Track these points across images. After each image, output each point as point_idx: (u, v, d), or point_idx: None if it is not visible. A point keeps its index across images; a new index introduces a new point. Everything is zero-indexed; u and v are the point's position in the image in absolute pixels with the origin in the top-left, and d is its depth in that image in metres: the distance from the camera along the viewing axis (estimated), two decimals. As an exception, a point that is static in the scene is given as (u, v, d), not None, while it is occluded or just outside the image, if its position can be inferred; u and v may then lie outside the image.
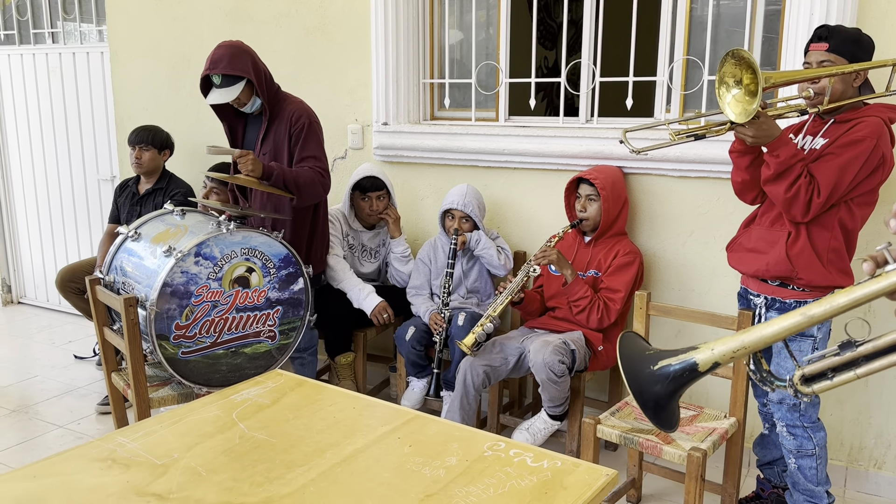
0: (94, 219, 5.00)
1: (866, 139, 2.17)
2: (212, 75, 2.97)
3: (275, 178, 2.89)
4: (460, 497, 1.35)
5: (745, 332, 0.84)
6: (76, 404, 3.72)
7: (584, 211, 3.02)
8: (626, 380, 0.90)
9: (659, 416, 0.90)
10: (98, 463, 1.46)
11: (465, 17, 3.66)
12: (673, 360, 0.89)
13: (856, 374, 0.83)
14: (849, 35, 2.25)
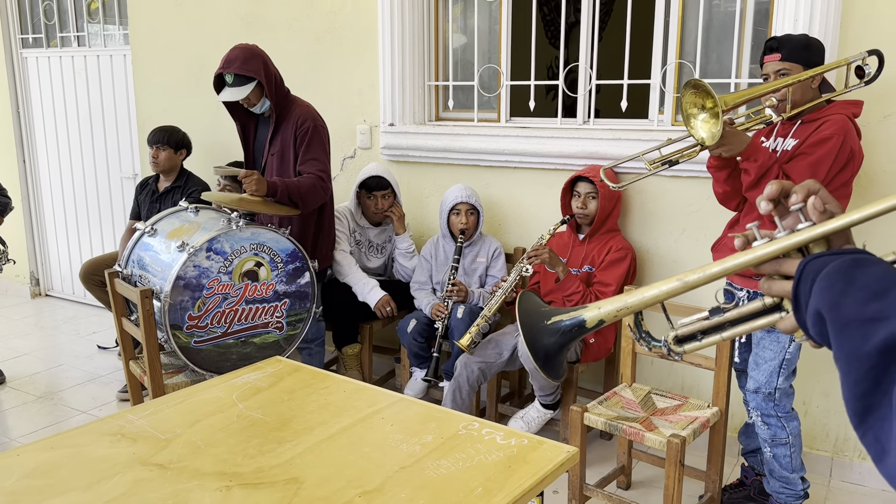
0: (116, 215, 5.21)
1: (834, 136, 2.28)
2: (225, 74, 3.13)
3: (279, 194, 3.02)
4: (431, 469, 1.49)
5: (628, 295, 0.93)
6: (98, 392, 3.92)
7: (584, 208, 3.14)
8: (521, 332, 0.99)
9: (547, 366, 0.98)
10: (108, 437, 1.62)
11: (468, 21, 3.79)
12: (564, 317, 0.97)
13: (721, 337, 0.93)
14: (799, 42, 2.37)
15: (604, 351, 3.17)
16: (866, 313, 0.70)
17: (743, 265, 0.86)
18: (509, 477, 1.46)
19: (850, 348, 0.70)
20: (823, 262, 0.79)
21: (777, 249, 0.84)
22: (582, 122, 3.45)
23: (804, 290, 0.79)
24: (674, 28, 3.14)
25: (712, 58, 3.16)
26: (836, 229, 0.82)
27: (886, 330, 0.67)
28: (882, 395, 0.66)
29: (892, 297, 0.69)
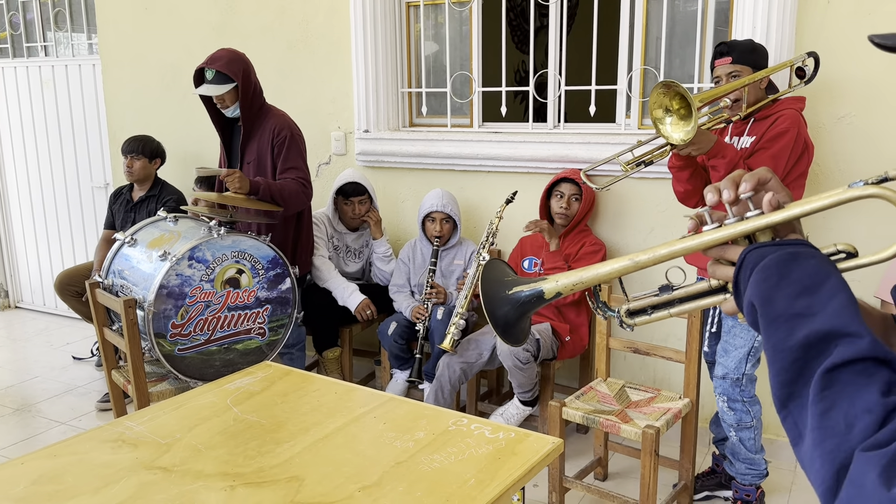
0: (88, 225, 5.19)
1: (789, 129, 2.45)
2: (206, 70, 3.18)
3: (262, 192, 3.08)
4: (425, 464, 1.57)
5: (583, 270, 0.99)
6: (76, 402, 3.92)
7: (567, 208, 3.24)
8: (483, 300, 1.02)
9: (507, 333, 1.03)
10: (109, 443, 1.67)
11: (439, 29, 3.88)
12: (524, 288, 1.02)
13: (669, 313, 0.99)
14: (746, 46, 2.54)
15: (579, 348, 3.28)
16: (794, 308, 0.74)
17: (690, 249, 0.91)
18: (500, 468, 1.54)
19: (776, 341, 0.74)
20: (763, 252, 0.83)
21: (723, 236, 0.89)
22: (552, 127, 3.56)
23: (744, 278, 0.83)
24: (638, 35, 3.26)
25: (675, 63, 3.29)
26: (782, 221, 0.86)
27: (810, 326, 0.72)
28: (803, 386, 0.70)
29: (821, 294, 0.74)
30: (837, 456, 0.66)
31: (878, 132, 2.86)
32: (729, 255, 0.89)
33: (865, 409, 0.66)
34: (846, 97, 2.88)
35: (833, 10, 2.86)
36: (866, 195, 0.83)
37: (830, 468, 0.67)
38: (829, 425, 0.68)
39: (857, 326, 0.71)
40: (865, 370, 0.68)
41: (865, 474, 0.64)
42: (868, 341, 0.70)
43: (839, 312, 0.73)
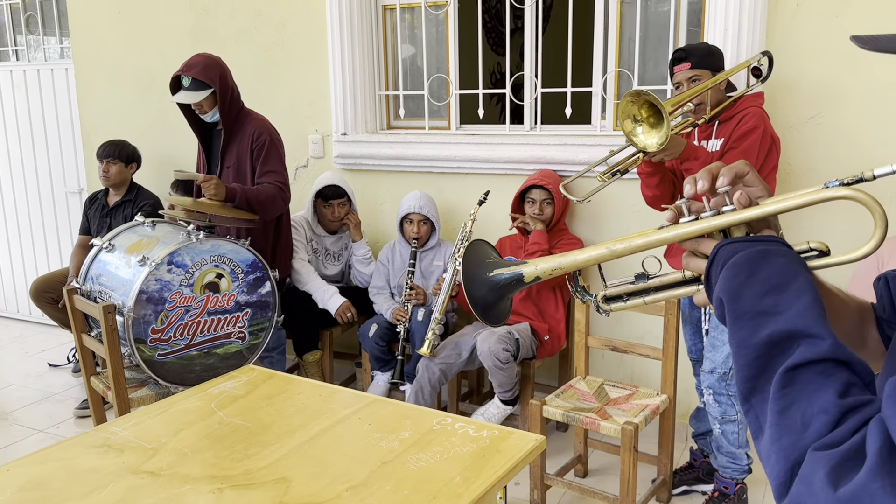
0: (62, 231, 5.14)
1: (757, 127, 2.51)
2: (183, 77, 3.18)
3: (238, 199, 3.08)
4: (411, 463, 1.59)
5: (561, 256, 1.01)
6: (54, 409, 3.88)
7: (541, 214, 3.27)
8: (463, 281, 1.04)
9: (486, 314, 1.05)
10: (95, 449, 1.67)
11: (416, 32, 3.90)
12: (505, 270, 1.04)
13: (644, 301, 1.02)
14: (703, 50, 2.61)
15: (558, 346, 3.32)
16: (760, 306, 0.76)
17: (665, 240, 0.93)
18: (484, 466, 1.57)
19: (741, 337, 0.76)
20: (735, 248, 0.83)
21: (698, 229, 0.90)
22: (529, 129, 3.60)
23: (715, 272, 0.84)
24: (612, 37, 3.32)
25: (649, 65, 3.34)
26: (756, 217, 0.88)
27: (775, 325, 0.74)
28: (765, 382, 0.73)
29: (788, 294, 0.76)
30: (792, 453, 0.69)
31: (846, 131, 2.93)
32: (703, 248, 0.91)
33: (822, 410, 0.68)
34: (815, 97, 2.95)
35: (802, 12, 2.93)
36: (839, 196, 0.86)
37: (785, 464, 0.69)
38: (786, 423, 0.70)
39: (820, 328, 0.73)
40: (825, 371, 0.71)
41: (814, 473, 0.66)
42: (830, 343, 0.72)
43: (803, 313, 0.74)
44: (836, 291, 1.00)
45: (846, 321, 0.99)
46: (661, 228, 0.94)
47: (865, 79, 2.87)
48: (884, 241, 0.89)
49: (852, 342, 0.99)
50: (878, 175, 0.85)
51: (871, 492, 0.62)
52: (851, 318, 1.00)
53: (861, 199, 0.85)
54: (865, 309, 1.02)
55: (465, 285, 1.04)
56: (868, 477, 0.63)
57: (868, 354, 1.01)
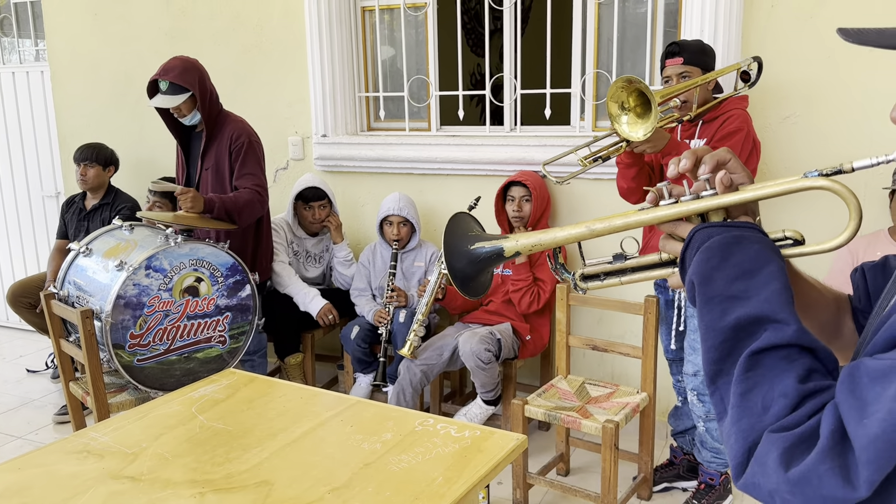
0: (39, 235, 5.08)
1: (740, 129, 2.54)
2: (160, 81, 3.15)
3: (216, 210, 3.07)
4: (394, 464, 1.59)
5: (542, 233, 1.02)
6: (32, 416, 3.84)
7: (519, 211, 3.29)
8: (444, 253, 1.04)
9: (465, 286, 1.05)
10: (75, 455, 1.66)
11: (395, 34, 3.90)
12: (486, 244, 1.04)
13: (620, 281, 1.03)
14: (697, 47, 2.62)
15: (539, 346, 3.33)
16: (731, 291, 0.78)
17: (645, 222, 0.94)
18: (466, 465, 1.58)
19: (709, 320, 0.78)
20: (710, 233, 0.85)
21: (677, 213, 0.92)
22: (509, 130, 3.62)
23: (690, 255, 0.86)
24: (591, 38, 3.34)
25: (627, 66, 3.37)
26: (734, 203, 0.89)
27: (743, 309, 0.76)
28: (731, 365, 0.75)
29: (758, 280, 0.78)
30: (750, 435, 0.71)
31: (821, 131, 2.98)
32: (680, 231, 0.92)
33: (782, 393, 0.71)
34: (790, 97, 2.99)
35: (777, 13, 2.97)
36: (816, 186, 0.88)
37: (743, 445, 0.71)
38: (747, 405, 0.72)
39: (786, 314, 0.75)
40: (789, 356, 0.73)
41: (769, 453, 0.68)
42: (795, 329, 0.74)
43: (771, 299, 0.76)
44: (813, 282, 1.02)
45: (822, 312, 1.01)
46: (642, 210, 0.95)
47: (840, 79, 2.91)
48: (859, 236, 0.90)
49: (828, 332, 1.01)
50: (857, 167, 0.87)
51: (820, 473, 0.64)
52: (828, 308, 1.02)
53: (838, 191, 0.86)
54: (842, 300, 1.04)
55: (446, 257, 1.04)
56: (818, 458, 0.65)
57: (844, 344, 1.03)
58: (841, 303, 1.02)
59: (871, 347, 0.71)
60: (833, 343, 1.01)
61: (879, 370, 0.66)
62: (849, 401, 0.66)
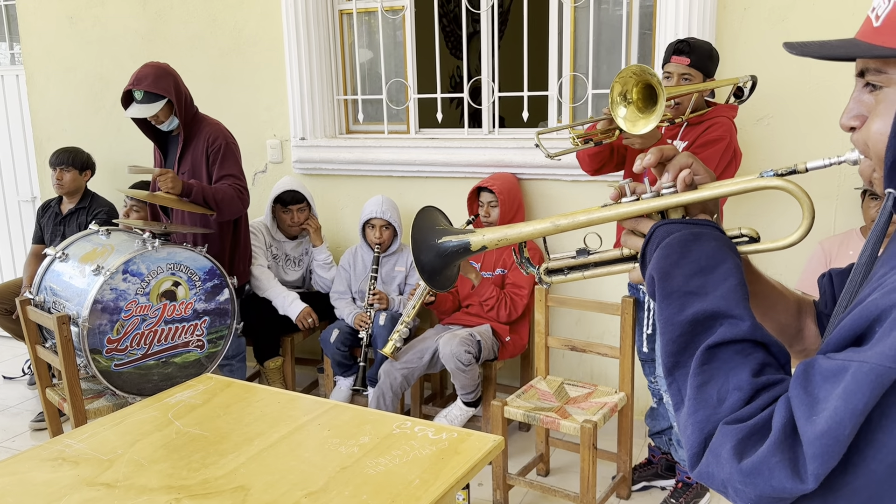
0: (15, 240, 5.03)
1: (722, 138, 2.53)
2: (134, 90, 3.13)
3: (194, 194, 3.06)
4: (371, 467, 1.60)
5: (508, 227, 1.04)
6: (9, 423, 3.79)
7: (487, 216, 3.30)
8: (412, 246, 1.06)
9: (433, 280, 1.07)
10: (49, 462, 1.65)
11: (373, 36, 3.90)
12: (453, 238, 1.06)
13: (583, 275, 1.07)
14: (705, 51, 2.60)
15: (519, 347, 3.35)
16: (688, 286, 0.81)
17: (607, 218, 0.97)
18: (443, 468, 1.59)
19: (668, 314, 0.81)
20: (670, 230, 0.89)
21: (638, 210, 0.94)
22: (487, 133, 3.63)
23: (650, 251, 0.89)
24: (567, 42, 3.36)
25: (603, 69, 3.40)
26: (692, 201, 0.92)
27: (700, 305, 0.79)
28: (688, 357, 0.78)
29: (714, 276, 0.81)
30: (706, 426, 0.74)
31: (795, 132, 3.02)
32: (641, 227, 0.95)
33: (736, 387, 0.74)
34: (764, 100, 3.03)
35: (749, 16, 3.00)
36: (771, 186, 0.90)
37: (699, 436, 0.74)
38: (703, 398, 0.75)
39: (741, 310, 0.78)
40: (743, 350, 0.76)
41: (723, 445, 0.71)
42: (749, 325, 0.77)
43: (727, 295, 0.79)
44: (774, 284, 1.05)
45: (783, 313, 1.03)
46: (604, 207, 0.98)
47: (812, 81, 2.96)
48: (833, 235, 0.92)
49: (789, 334, 1.04)
50: (810, 168, 0.90)
51: (771, 465, 0.67)
52: (789, 310, 1.04)
53: (791, 190, 0.89)
54: (805, 303, 1.07)
55: (414, 251, 1.06)
56: (769, 451, 0.68)
57: (806, 347, 1.06)
58: (804, 305, 1.05)
59: (825, 346, 0.73)
60: (795, 345, 1.04)
61: (830, 370, 0.68)
62: (801, 396, 0.69)
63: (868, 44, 0.77)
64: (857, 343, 0.69)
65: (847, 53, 0.79)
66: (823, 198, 2.99)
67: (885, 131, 0.76)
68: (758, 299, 1.01)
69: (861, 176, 0.85)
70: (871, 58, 0.77)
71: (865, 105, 0.80)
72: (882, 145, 0.77)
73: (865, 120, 0.81)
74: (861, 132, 0.81)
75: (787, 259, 3.03)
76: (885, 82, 0.77)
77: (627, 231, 0.97)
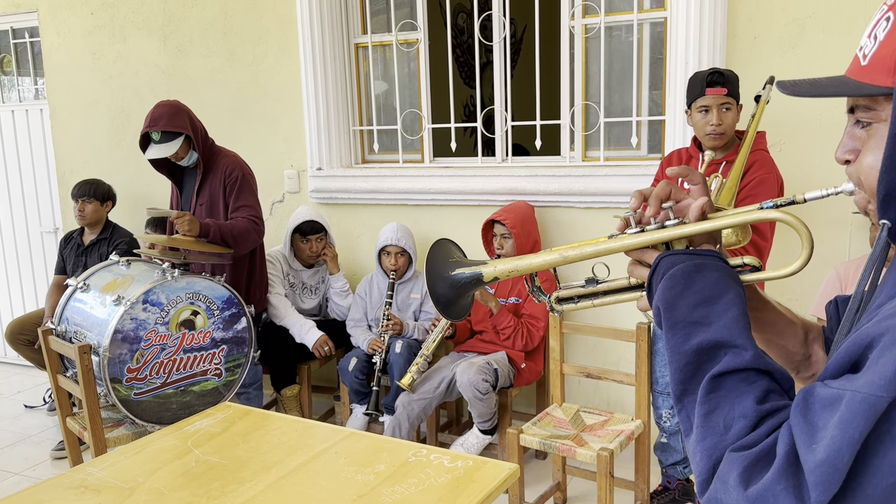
0: (38, 271, 5.11)
1: (769, 175, 2.54)
2: (151, 132, 3.20)
3: (212, 234, 3.11)
4: (387, 496, 1.61)
5: (518, 259, 1.07)
6: (30, 452, 3.84)
7: (501, 248, 3.33)
8: (426, 278, 1.09)
9: (447, 310, 1.10)
10: (72, 490, 1.68)
11: (388, 69, 3.98)
12: (466, 270, 1.10)
13: (592, 304, 1.09)
14: (735, 78, 2.63)
15: (534, 374, 3.35)
16: (693, 316, 0.84)
17: (613, 250, 1.00)
18: (459, 496, 1.60)
19: (674, 343, 0.84)
20: (674, 261, 0.91)
21: (643, 241, 0.97)
22: (501, 161, 3.68)
23: (655, 281, 0.92)
24: (578, 71, 3.41)
25: (615, 98, 3.44)
26: (696, 233, 0.95)
27: (704, 335, 0.82)
28: (695, 385, 0.81)
29: (718, 306, 0.84)
30: (714, 453, 0.76)
31: (807, 159, 3.03)
32: (646, 257, 0.98)
33: (742, 414, 0.76)
34: (777, 126, 3.05)
35: (759, 44, 3.04)
36: (770, 218, 0.93)
37: (707, 463, 0.77)
38: (710, 425, 0.78)
39: (744, 340, 0.82)
40: (747, 378, 0.79)
41: (730, 472, 0.73)
42: (752, 354, 0.80)
43: (730, 325, 0.83)
44: (782, 311, 1.07)
45: (790, 340, 1.05)
46: (611, 238, 1.01)
47: (825, 107, 2.97)
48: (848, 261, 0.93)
49: (796, 360, 1.06)
50: (808, 198, 0.93)
51: (776, 492, 0.70)
52: (796, 336, 1.06)
53: (789, 222, 0.92)
54: (813, 328, 1.08)
55: (428, 283, 1.10)
56: (774, 478, 0.70)
57: (815, 372, 1.07)
58: (812, 331, 1.06)
59: (824, 372, 0.75)
60: (803, 371, 1.06)
61: (827, 398, 0.71)
62: (801, 424, 0.71)
63: (857, 82, 0.80)
64: (854, 370, 0.71)
65: (837, 92, 0.82)
66: (837, 223, 3.00)
67: (876, 165, 0.78)
68: (765, 326, 1.03)
69: (857, 206, 0.87)
70: (859, 96, 0.80)
71: (858, 139, 0.83)
72: (874, 179, 0.79)
73: (857, 153, 0.83)
74: (854, 166, 0.84)
75: (803, 284, 3.03)
76: (874, 118, 0.79)
77: (634, 261, 1.00)
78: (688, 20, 3.04)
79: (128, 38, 4.41)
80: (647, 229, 0.98)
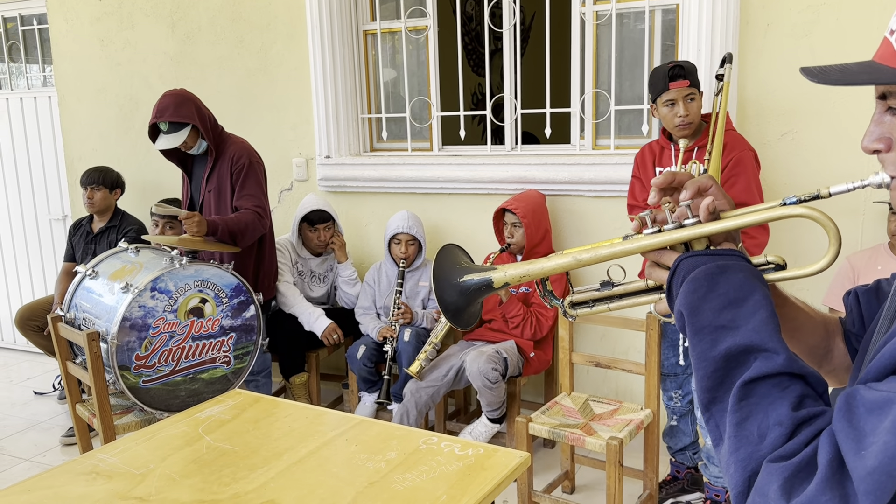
0: (46, 258, 5.12)
1: (744, 151, 2.62)
2: (159, 123, 3.20)
3: (220, 232, 3.11)
4: (398, 483, 1.61)
5: (529, 263, 1.03)
6: (40, 438, 3.86)
7: (511, 237, 3.31)
8: (434, 285, 1.05)
9: (457, 318, 1.06)
10: (83, 476, 1.68)
11: (397, 56, 3.95)
12: (475, 276, 1.05)
13: (608, 308, 1.05)
14: (694, 69, 2.68)
15: (543, 364, 3.35)
16: (719, 321, 0.80)
17: (629, 251, 0.96)
18: (470, 484, 1.59)
19: (701, 350, 0.80)
20: (695, 262, 0.86)
21: (661, 242, 0.92)
22: (510, 149, 3.65)
23: (676, 284, 0.87)
24: (589, 59, 3.38)
25: (625, 85, 3.41)
26: (715, 232, 0.91)
27: (732, 339, 0.77)
28: (724, 392, 0.76)
29: (745, 309, 0.80)
30: (749, 464, 0.72)
31: (819, 147, 3.00)
32: (665, 259, 0.93)
33: (777, 422, 0.72)
34: (788, 114, 3.02)
35: (772, 31, 3.00)
36: (795, 214, 0.89)
37: (742, 474, 0.72)
38: (744, 434, 0.73)
39: (775, 343, 0.77)
40: (780, 384, 0.74)
41: (769, 484, 0.69)
42: (784, 357, 0.76)
43: (759, 328, 0.78)
44: (801, 306, 1.04)
45: (811, 335, 1.02)
46: (626, 239, 0.96)
47: (836, 95, 2.94)
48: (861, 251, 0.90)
49: (818, 355, 1.03)
50: (833, 193, 0.88)
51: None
52: (816, 331, 1.03)
53: (816, 218, 0.88)
54: (832, 323, 1.05)
55: (436, 290, 1.05)
56: (818, 489, 0.66)
57: (835, 367, 1.04)
58: (831, 325, 1.04)
59: (866, 374, 0.72)
60: (824, 366, 1.03)
61: (875, 402, 0.67)
62: (846, 430, 0.67)
63: (891, 68, 0.76)
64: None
65: (871, 80, 0.77)
66: (850, 212, 2.97)
67: None
68: (785, 322, 0.98)
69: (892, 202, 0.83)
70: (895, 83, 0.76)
71: (887, 127, 0.79)
72: None
73: (888, 141, 0.79)
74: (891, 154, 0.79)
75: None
76: None
77: (651, 263, 0.96)
78: (700, 7, 3.01)
79: (136, 24, 4.40)
80: (664, 229, 0.93)
